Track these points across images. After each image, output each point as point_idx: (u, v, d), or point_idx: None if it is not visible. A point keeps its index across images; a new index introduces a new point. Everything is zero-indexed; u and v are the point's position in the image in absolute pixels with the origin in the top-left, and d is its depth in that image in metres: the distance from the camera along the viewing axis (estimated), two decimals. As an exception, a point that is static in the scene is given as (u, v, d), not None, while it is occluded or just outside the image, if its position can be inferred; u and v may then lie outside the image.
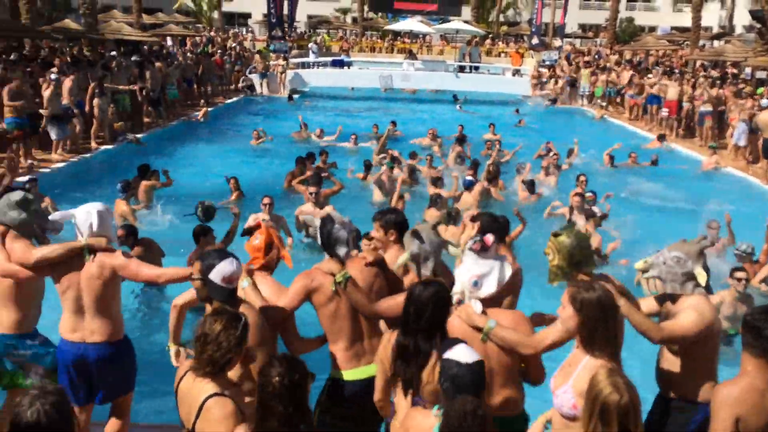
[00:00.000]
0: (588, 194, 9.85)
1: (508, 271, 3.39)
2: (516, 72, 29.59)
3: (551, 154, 13.50)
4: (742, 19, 37.61)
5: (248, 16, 55.86)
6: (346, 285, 3.57)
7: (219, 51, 27.14)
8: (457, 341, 2.87)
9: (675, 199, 11.88)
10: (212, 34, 36.59)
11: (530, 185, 11.32)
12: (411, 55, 31.69)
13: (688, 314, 3.31)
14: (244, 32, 43.24)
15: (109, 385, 3.96)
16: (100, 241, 3.87)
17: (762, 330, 2.80)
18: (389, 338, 3.21)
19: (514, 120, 20.41)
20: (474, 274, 3.34)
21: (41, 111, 12.86)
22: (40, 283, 4.15)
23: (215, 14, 47.31)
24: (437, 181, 10.65)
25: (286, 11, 31.07)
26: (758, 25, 21.76)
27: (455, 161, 13.67)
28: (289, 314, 3.61)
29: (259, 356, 3.24)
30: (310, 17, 52.93)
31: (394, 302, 3.52)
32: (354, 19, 48.46)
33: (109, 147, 14.50)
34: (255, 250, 3.82)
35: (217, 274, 3.27)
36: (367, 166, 12.34)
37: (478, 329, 3.23)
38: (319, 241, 3.85)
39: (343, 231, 3.68)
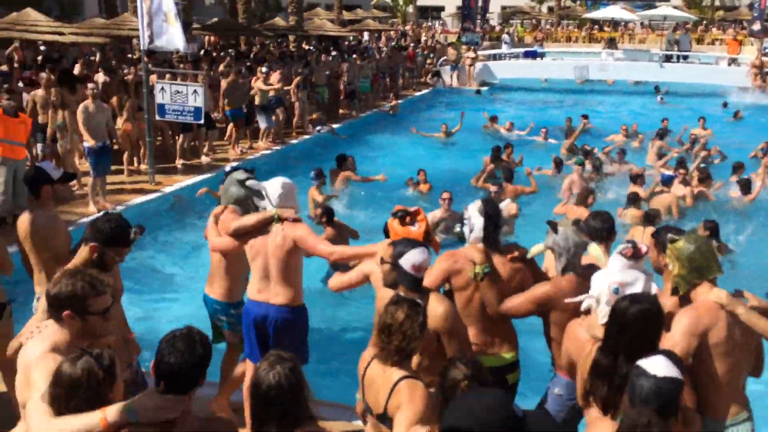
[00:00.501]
0: None
1: (653, 289, 3.17)
2: (732, 61, 26.65)
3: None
4: None
5: (442, 9, 56.43)
6: (483, 278, 3.62)
7: (412, 44, 27.72)
8: (660, 352, 2.64)
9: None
10: (406, 28, 37.49)
11: (745, 185, 10.15)
12: (611, 44, 29.91)
13: None
14: (436, 25, 43.76)
15: (285, 348, 4.12)
16: (288, 211, 4.14)
17: None
18: (590, 350, 3.00)
19: (727, 114, 18.42)
20: (616, 280, 3.13)
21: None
22: (245, 258, 4.40)
23: (410, 8, 48.41)
24: (637, 178, 9.96)
25: (480, 3, 30.84)
26: None
27: (656, 157, 12.67)
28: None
29: (451, 346, 3.31)
30: (504, 8, 52.10)
31: (519, 301, 3.67)
32: (550, 9, 46.87)
33: (307, 137, 15.42)
34: (413, 235, 3.76)
35: (407, 261, 3.32)
36: (557, 163, 11.82)
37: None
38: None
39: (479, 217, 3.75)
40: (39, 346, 2.64)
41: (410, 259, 3.32)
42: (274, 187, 4.21)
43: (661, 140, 13.72)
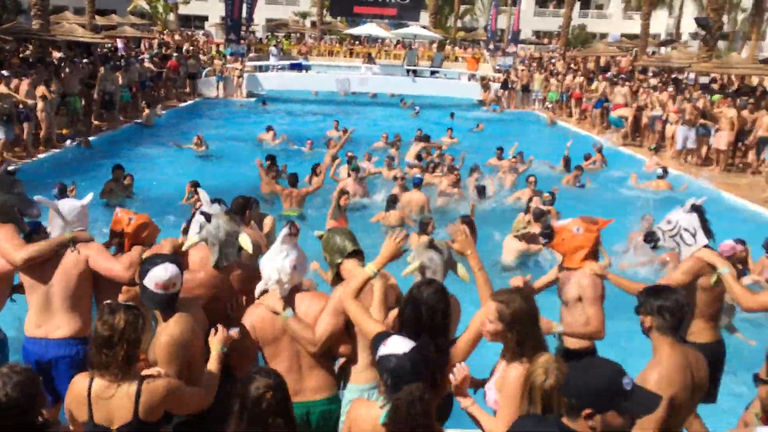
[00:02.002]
0: (545, 194, 10.25)
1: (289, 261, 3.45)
2: (472, 77, 30.10)
3: (510, 157, 13.79)
4: (689, 26, 38.88)
5: (205, 18, 55.37)
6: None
7: (175, 54, 26.91)
8: (388, 334, 2.88)
9: (620, 200, 12.33)
10: (164, 37, 36.17)
11: (481, 191, 11.47)
12: (370, 59, 31.95)
13: None
14: (200, 35, 42.84)
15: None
16: (83, 234, 3.85)
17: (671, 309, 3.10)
18: None
19: (471, 125, 20.76)
20: (292, 258, 3.43)
21: None
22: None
23: (171, 16, 46.78)
24: (400, 180, 11.09)
25: (244, 14, 30.94)
26: (703, 32, 22.59)
27: (415, 158, 14.05)
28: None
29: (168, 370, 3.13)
30: (268, 21, 52.72)
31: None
32: (313, 23, 48.50)
33: (57, 150, 14.28)
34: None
35: (150, 280, 3.17)
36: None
37: None
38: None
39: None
40: None
41: (153, 277, 3.16)
42: (69, 206, 3.85)
43: (421, 142, 15.11)
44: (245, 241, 3.67)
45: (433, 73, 29.33)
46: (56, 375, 3.73)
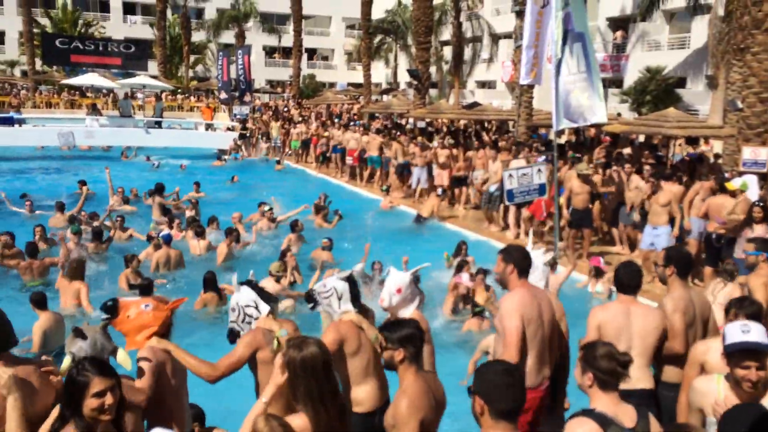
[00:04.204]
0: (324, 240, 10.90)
1: None
2: (209, 126, 29.87)
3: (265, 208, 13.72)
4: (404, 76, 43.40)
5: None
6: None
7: None
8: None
9: (359, 237, 13.23)
10: None
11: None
12: (95, 111, 29.91)
13: None
14: None
15: None
16: None
17: None
18: None
19: (225, 177, 20.54)
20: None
21: None
22: None
23: None
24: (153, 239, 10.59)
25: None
26: (415, 82, 25.39)
27: (159, 212, 13.52)
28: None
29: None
30: (-33, 69, 46.55)
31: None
32: (24, 72, 43.96)
33: None
34: None
35: None
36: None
37: None
38: None
39: None
40: None
41: None
42: None
43: (160, 196, 14.50)
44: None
45: (157, 123, 28.41)
46: None
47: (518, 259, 4.29)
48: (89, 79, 33.21)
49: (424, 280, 8.88)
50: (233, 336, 4.12)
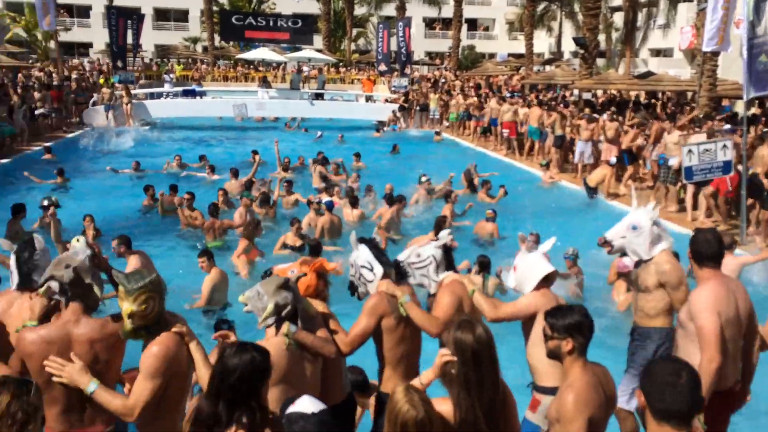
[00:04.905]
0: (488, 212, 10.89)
1: None
2: (369, 98, 30.48)
3: (423, 179, 13.74)
4: (569, 46, 41.35)
5: (89, 45, 53.06)
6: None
7: (56, 83, 25.52)
8: (298, 397, 2.69)
9: (519, 211, 12.83)
10: (48, 66, 34.32)
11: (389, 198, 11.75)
12: (265, 83, 31.66)
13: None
14: (86, 62, 40.97)
15: None
16: None
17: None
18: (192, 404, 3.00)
19: (386, 148, 20.96)
20: None
21: None
22: None
23: (51, 44, 44.48)
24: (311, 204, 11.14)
25: (129, 40, 29.90)
26: (582, 51, 24.06)
27: (319, 181, 13.99)
28: None
29: None
30: (157, 46, 51.25)
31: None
32: (204, 48, 47.58)
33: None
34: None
35: None
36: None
37: None
38: None
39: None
40: None
41: None
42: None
43: (322, 165, 15.08)
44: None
45: (319, 95, 29.40)
46: None
47: (700, 246, 3.81)
48: (260, 53, 35.19)
49: (584, 265, 8.41)
50: (353, 289, 4.03)
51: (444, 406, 2.85)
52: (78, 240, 3.49)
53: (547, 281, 4.07)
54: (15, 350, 3.31)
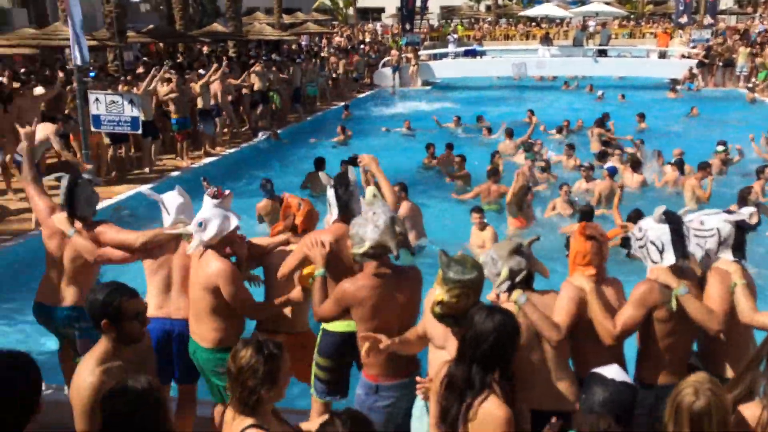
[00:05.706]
0: None
1: None
2: (662, 54, 27.68)
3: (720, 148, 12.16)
4: None
5: (382, 10, 56.73)
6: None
7: (351, 47, 27.79)
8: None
9: None
10: (344, 30, 37.53)
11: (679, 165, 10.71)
12: (546, 41, 30.63)
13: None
14: (377, 27, 43.94)
15: (186, 366, 4.03)
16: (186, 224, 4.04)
17: None
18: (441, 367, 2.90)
19: (681, 108, 19.03)
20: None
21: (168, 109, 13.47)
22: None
23: (350, 10, 48.54)
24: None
25: (418, 3, 31.16)
26: None
27: (599, 145, 13.19)
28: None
29: None
30: (443, 8, 52.78)
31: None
32: (488, 7, 47.70)
33: (251, 142, 15.32)
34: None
35: None
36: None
37: None
38: None
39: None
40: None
41: None
42: (175, 200, 4.13)
43: (599, 127, 14.13)
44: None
45: (603, 51, 27.33)
46: (175, 352, 4.02)
47: None
48: (544, 9, 34.13)
49: None
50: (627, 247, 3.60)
51: (749, 411, 2.52)
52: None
53: None
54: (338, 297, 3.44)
